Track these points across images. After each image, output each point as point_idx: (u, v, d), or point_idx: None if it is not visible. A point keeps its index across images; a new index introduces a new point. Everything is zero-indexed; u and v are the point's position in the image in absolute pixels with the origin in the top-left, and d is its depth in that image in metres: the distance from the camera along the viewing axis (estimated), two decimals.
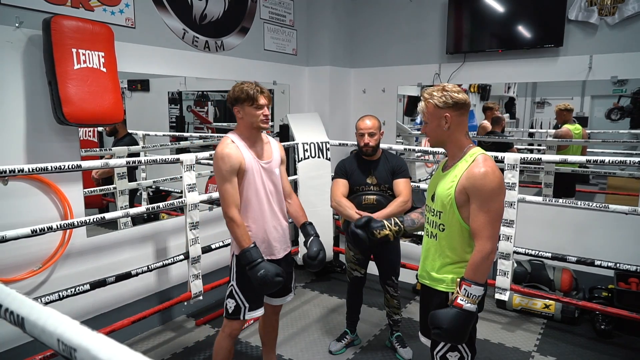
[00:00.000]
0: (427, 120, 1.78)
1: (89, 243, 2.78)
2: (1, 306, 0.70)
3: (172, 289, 3.30)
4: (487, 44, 3.82)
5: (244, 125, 2.12)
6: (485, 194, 1.64)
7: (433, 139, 1.80)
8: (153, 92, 5.40)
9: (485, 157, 1.70)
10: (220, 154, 2.04)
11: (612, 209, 2.70)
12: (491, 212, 1.64)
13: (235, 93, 2.08)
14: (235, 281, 2.19)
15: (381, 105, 4.44)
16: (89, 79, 2.44)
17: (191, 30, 3.29)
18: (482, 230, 1.65)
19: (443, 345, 1.78)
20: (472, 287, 1.64)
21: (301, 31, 4.33)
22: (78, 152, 2.69)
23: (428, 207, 1.87)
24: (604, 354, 2.91)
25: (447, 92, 1.72)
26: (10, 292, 0.73)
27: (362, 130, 2.67)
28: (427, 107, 1.75)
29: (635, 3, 3.17)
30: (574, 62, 3.45)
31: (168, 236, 3.28)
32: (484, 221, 1.64)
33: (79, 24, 2.42)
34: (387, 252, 2.81)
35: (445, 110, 1.71)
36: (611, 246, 3.27)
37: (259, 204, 2.15)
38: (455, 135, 1.75)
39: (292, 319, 3.38)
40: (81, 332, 0.61)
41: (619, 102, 5.15)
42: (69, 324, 0.63)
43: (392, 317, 2.93)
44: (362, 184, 2.71)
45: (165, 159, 2.73)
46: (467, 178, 1.67)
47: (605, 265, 2.81)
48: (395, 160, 2.76)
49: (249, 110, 2.08)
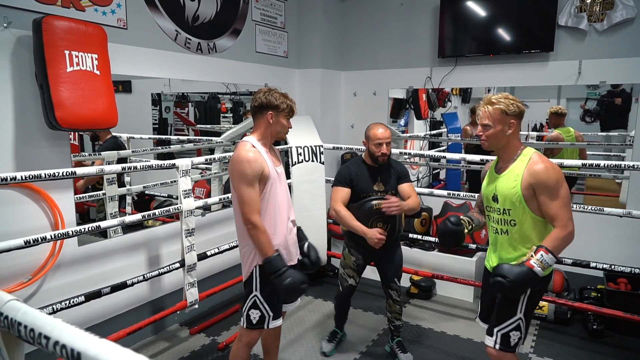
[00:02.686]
0: (491, 124, 1.89)
1: (80, 252, 2.68)
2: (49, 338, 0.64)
3: (165, 298, 3.21)
4: (479, 48, 3.86)
5: (270, 131, 2.12)
6: (551, 185, 1.81)
7: (493, 142, 1.92)
8: (135, 93, 5.26)
9: (539, 155, 1.89)
10: (245, 158, 1.99)
11: (607, 211, 2.76)
12: (562, 198, 1.82)
13: (275, 100, 2.08)
14: (259, 291, 2.14)
15: (372, 109, 4.45)
16: (82, 82, 2.34)
17: (183, 32, 3.20)
18: (560, 213, 1.81)
19: (509, 323, 1.93)
20: (549, 255, 1.79)
21: (292, 33, 4.29)
22: (69, 158, 2.58)
23: (490, 207, 2.02)
24: (598, 354, 2.97)
25: (513, 101, 1.87)
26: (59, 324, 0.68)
27: (381, 140, 2.63)
28: (495, 112, 1.88)
29: (623, 10, 3.25)
30: (564, 67, 3.52)
31: (160, 243, 3.19)
32: (558, 206, 1.81)
33: (72, 25, 2.32)
34: (391, 256, 2.80)
35: (512, 117, 1.87)
36: (601, 248, 3.35)
37: (279, 209, 2.14)
38: (513, 140, 1.91)
39: (289, 326, 3.33)
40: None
41: (586, 103, 5.31)
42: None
43: (394, 323, 2.91)
44: (368, 191, 2.69)
45: (161, 164, 2.65)
46: (530, 175, 1.84)
47: (601, 267, 2.87)
48: (399, 166, 2.77)
49: (283, 120, 2.12)
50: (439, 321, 3.44)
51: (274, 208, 2.12)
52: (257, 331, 2.20)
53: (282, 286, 1.99)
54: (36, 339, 0.67)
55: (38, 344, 0.68)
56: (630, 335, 3.14)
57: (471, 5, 3.82)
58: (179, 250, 2.99)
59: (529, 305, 1.95)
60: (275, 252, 2.04)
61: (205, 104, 6.09)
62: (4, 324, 0.73)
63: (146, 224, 3.50)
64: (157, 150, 4.63)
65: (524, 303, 1.93)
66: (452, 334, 3.24)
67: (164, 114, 5.65)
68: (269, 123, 2.10)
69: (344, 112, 4.64)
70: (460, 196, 3.55)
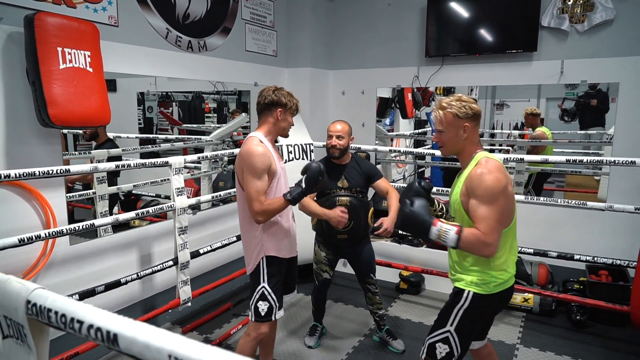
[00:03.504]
0: (444, 129, 1.81)
1: (72, 251, 2.65)
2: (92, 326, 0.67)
3: (157, 297, 3.20)
4: (464, 48, 3.95)
5: (276, 128, 2.21)
6: (481, 192, 1.69)
7: (449, 147, 1.84)
8: (120, 92, 5.20)
9: (487, 159, 1.76)
10: (255, 152, 2.06)
11: (589, 205, 2.86)
12: (491, 210, 1.67)
13: (284, 98, 2.17)
14: (266, 283, 2.20)
15: (360, 107, 4.50)
16: (75, 79, 2.33)
17: (174, 30, 3.20)
18: (482, 221, 1.67)
19: (437, 334, 1.85)
20: (455, 236, 1.68)
21: (281, 32, 4.31)
22: (60, 156, 2.56)
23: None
24: (582, 343, 3.08)
25: (465, 103, 1.77)
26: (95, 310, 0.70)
27: (331, 132, 2.76)
28: (446, 117, 1.79)
29: (602, 12, 3.37)
30: (547, 66, 3.62)
31: (152, 242, 3.18)
32: (483, 214, 1.68)
33: (64, 22, 2.31)
34: (361, 252, 2.88)
35: (465, 121, 1.77)
36: (583, 241, 3.46)
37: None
38: (469, 144, 1.81)
39: (282, 322, 3.35)
40: (197, 348, 0.59)
41: (563, 103, 5.48)
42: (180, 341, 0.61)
43: (377, 313, 3.01)
44: (333, 188, 2.76)
45: (154, 162, 2.65)
46: (469, 179, 1.74)
47: (584, 260, 2.98)
48: (366, 164, 2.84)
49: (289, 118, 2.22)
50: (428, 315, 3.51)
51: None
52: (266, 324, 2.24)
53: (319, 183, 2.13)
54: (68, 324, 0.69)
55: (70, 329, 0.69)
56: (611, 324, 3.26)
57: (457, 6, 3.90)
58: (170, 249, 3.00)
59: (462, 321, 1.82)
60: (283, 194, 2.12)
61: (189, 103, 6.06)
62: (32, 312, 0.75)
63: (132, 224, 3.48)
64: (145, 149, 4.60)
65: (456, 317, 1.83)
66: None
67: (148, 114, 5.61)
68: (277, 120, 2.18)
69: (332, 110, 4.68)
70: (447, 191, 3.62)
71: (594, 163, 3.68)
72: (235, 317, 3.45)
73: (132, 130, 5.24)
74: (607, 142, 4.61)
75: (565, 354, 2.94)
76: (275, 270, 2.21)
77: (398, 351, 2.95)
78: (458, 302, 1.83)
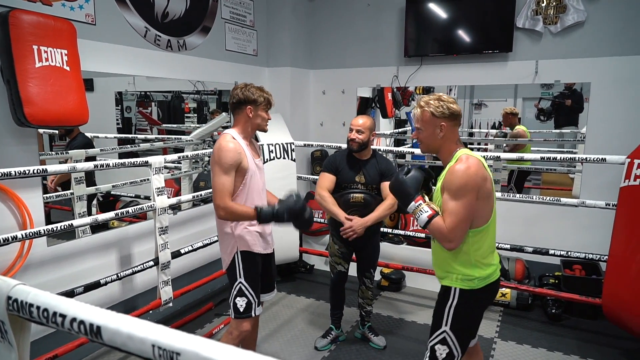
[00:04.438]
0: (421, 127, 1.85)
1: (50, 253, 2.60)
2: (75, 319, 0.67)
3: (138, 297, 3.17)
4: (442, 48, 4.01)
5: (250, 125, 2.20)
6: (452, 188, 1.73)
7: (425, 145, 1.88)
8: (98, 92, 5.12)
9: (467, 156, 1.77)
10: (225, 147, 2.08)
11: (563, 202, 2.95)
12: (459, 206, 1.71)
13: (253, 94, 2.16)
14: (243, 278, 2.21)
15: (341, 107, 4.53)
16: (51, 78, 2.29)
17: (153, 29, 3.17)
18: (448, 217, 1.73)
19: (435, 336, 1.87)
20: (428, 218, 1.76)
21: (261, 32, 4.31)
22: (37, 156, 2.51)
23: None
24: (557, 336, 3.17)
25: (443, 102, 1.80)
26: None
27: (352, 126, 2.78)
28: (423, 115, 1.82)
29: (574, 14, 3.47)
30: (522, 66, 3.71)
31: (132, 243, 3.15)
32: (451, 209, 1.73)
33: (40, 19, 2.27)
34: (369, 246, 2.91)
35: (442, 120, 1.80)
36: (557, 236, 3.56)
37: (257, 200, 2.22)
38: (447, 143, 1.84)
39: (262, 322, 3.34)
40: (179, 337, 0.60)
41: (540, 102, 5.62)
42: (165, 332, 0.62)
43: (365, 308, 3.04)
44: (350, 182, 2.78)
45: (134, 162, 2.62)
46: (446, 175, 1.78)
47: (558, 254, 3.07)
48: (385, 162, 2.85)
49: (262, 113, 2.20)
50: (409, 312, 3.56)
51: (253, 198, 2.20)
52: (247, 321, 2.23)
53: (295, 222, 2.10)
54: (50, 319, 0.69)
55: (52, 323, 0.70)
56: (585, 317, 3.37)
57: (435, 7, 3.96)
58: (150, 249, 2.97)
59: (455, 319, 1.84)
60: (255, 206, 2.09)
61: (168, 103, 5.99)
62: (13, 307, 0.74)
63: (111, 225, 3.44)
64: (124, 148, 4.54)
65: (449, 316, 1.85)
66: (422, 322, 3.37)
67: (126, 114, 5.53)
68: (249, 117, 2.18)
69: (313, 110, 4.70)
70: None
71: (567, 160, 3.80)
72: (217, 317, 3.44)
73: (110, 130, 5.16)
74: (580, 141, 4.74)
75: (541, 347, 3.03)
76: (251, 265, 2.22)
77: (379, 347, 2.99)
78: (447, 301, 1.86)
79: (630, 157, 2.67)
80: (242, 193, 2.17)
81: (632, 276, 2.55)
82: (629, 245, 2.59)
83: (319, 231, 4.39)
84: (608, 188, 3.09)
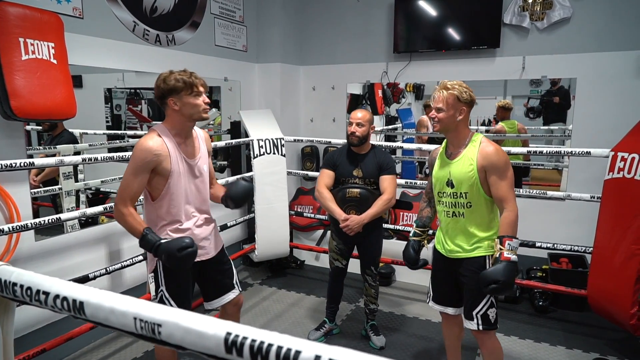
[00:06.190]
0: (444, 107, 2.00)
1: (37, 247, 2.60)
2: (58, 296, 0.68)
3: (128, 292, 3.14)
4: (431, 44, 4.05)
5: (180, 118, 1.91)
6: (500, 166, 1.97)
7: (444, 125, 2.03)
8: (87, 88, 5.08)
9: (487, 139, 2.03)
10: (141, 145, 1.84)
11: (549, 195, 2.99)
12: (509, 179, 1.98)
13: (169, 83, 1.87)
14: (164, 286, 2.00)
15: (331, 103, 4.54)
16: (38, 71, 2.28)
17: (142, 23, 3.16)
18: (508, 194, 1.97)
19: (484, 304, 2.08)
20: (514, 240, 1.94)
21: (251, 27, 4.31)
22: (24, 150, 2.50)
23: (443, 192, 2.12)
24: (544, 327, 3.22)
25: (467, 89, 2.01)
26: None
27: (352, 119, 2.77)
28: (449, 97, 1.99)
29: (560, 10, 3.52)
30: (510, 62, 3.76)
31: (121, 238, 3.14)
32: (507, 187, 1.97)
33: (26, 12, 2.26)
34: (369, 243, 2.90)
35: (463, 104, 2.00)
36: (544, 230, 3.60)
37: (185, 204, 1.98)
38: (461, 127, 2.04)
39: (253, 316, 3.37)
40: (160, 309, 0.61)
41: (529, 102, 5.68)
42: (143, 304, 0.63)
43: (369, 306, 3.03)
44: (348, 176, 2.79)
45: (123, 156, 2.62)
46: (484, 157, 1.98)
47: (545, 247, 3.11)
48: (383, 156, 2.83)
49: (188, 99, 1.87)
50: (399, 305, 3.59)
51: (179, 202, 1.96)
52: None
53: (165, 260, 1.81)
54: (34, 297, 0.70)
55: (36, 301, 0.70)
56: (571, 309, 3.42)
57: (424, 3, 3.99)
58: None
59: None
60: (146, 227, 1.84)
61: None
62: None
63: (101, 221, 3.42)
64: (112, 144, 4.51)
65: None
66: (412, 316, 3.39)
67: (115, 111, 5.50)
68: (174, 110, 1.89)
69: (303, 106, 4.71)
70: (418, 184, 3.71)
71: (553, 154, 3.84)
72: (208, 311, 3.44)
73: (100, 127, 5.13)
74: (567, 137, 4.80)
75: (528, 338, 3.07)
76: (173, 275, 1.98)
77: (375, 347, 2.95)
78: (485, 269, 2.00)
79: (614, 150, 2.71)
80: (165, 198, 1.92)
81: (616, 268, 2.60)
82: (612, 237, 2.64)
83: (310, 227, 4.40)
84: (594, 181, 3.14)
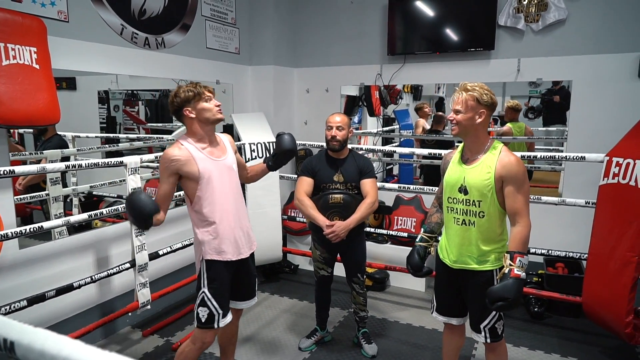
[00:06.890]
0: (463, 110, 1.91)
1: (21, 255, 2.55)
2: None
3: (116, 300, 3.12)
4: (426, 46, 4.00)
5: (198, 123, 2.07)
6: (520, 178, 1.89)
7: (462, 127, 1.94)
8: (81, 90, 5.05)
9: (507, 149, 1.95)
10: (165, 154, 2.02)
11: (543, 200, 2.94)
12: (526, 192, 1.91)
13: (181, 96, 2.03)
14: (206, 287, 2.13)
15: (325, 105, 4.49)
16: (20, 76, 2.24)
17: (130, 26, 3.12)
18: (523, 208, 1.90)
19: (491, 317, 2.04)
20: (524, 257, 1.86)
21: (243, 29, 4.26)
22: (7, 157, 2.45)
23: (455, 198, 2.02)
24: (538, 334, 3.17)
25: (487, 92, 1.91)
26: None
27: (331, 124, 2.71)
28: (469, 99, 1.90)
29: (555, 12, 3.47)
30: (504, 64, 3.70)
31: (109, 244, 3.10)
32: (523, 201, 1.89)
33: (7, 16, 2.22)
34: (352, 251, 2.83)
35: (483, 107, 1.90)
36: (540, 235, 3.53)
37: (223, 203, 2.12)
38: (480, 131, 1.95)
39: (246, 322, 3.32)
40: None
41: (530, 102, 5.63)
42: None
43: (359, 314, 2.97)
44: (328, 182, 2.72)
45: (108, 162, 2.57)
46: (503, 167, 1.89)
47: (540, 253, 3.05)
48: (362, 160, 2.79)
49: (201, 105, 2.04)
50: (392, 311, 3.54)
51: (217, 202, 2.10)
52: (210, 332, 2.14)
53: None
54: None
55: None
56: (567, 315, 3.37)
57: (418, 5, 3.94)
58: (130, 251, 2.92)
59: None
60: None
61: (156, 102, 5.93)
62: None
63: (95, 225, 3.39)
64: (105, 148, 4.47)
65: None
66: (405, 323, 3.35)
67: (113, 113, 5.46)
68: (192, 118, 2.06)
69: (297, 108, 4.66)
70: (411, 189, 3.67)
71: (547, 159, 3.78)
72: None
73: (93, 129, 5.09)
74: (566, 139, 4.75)
75: (522, 345, 3.02)
76: (216, 275, 2.12)
77: (367, 356, 2.89)
78: (493, 283, 1.96)
79: (608, 155, 2.66)
80: (199, 200, 2.08)
81: (611, 275, 2.55)
82: (607, 244, 2.59)
83: (303, 231, 4.36)
84: (590, 185, 3.08)
